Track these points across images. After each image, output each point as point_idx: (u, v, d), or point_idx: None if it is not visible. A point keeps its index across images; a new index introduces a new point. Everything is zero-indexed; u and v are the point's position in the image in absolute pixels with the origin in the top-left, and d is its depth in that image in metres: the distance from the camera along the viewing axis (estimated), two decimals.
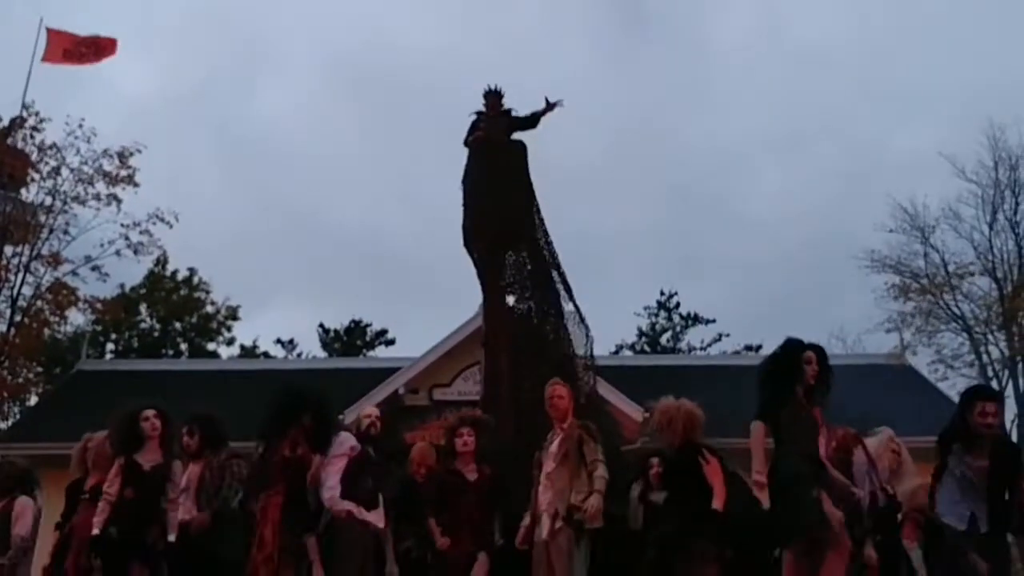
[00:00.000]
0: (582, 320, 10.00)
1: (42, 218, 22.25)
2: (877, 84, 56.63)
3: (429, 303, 49.44)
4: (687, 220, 58.46)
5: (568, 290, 10.15)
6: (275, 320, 58.29)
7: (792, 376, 6.77)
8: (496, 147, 10.54)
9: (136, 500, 7.07)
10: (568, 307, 10.06)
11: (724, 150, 57.49)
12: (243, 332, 38.17)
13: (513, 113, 10.72)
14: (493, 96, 10.78)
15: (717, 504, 6.85)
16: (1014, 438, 19.84)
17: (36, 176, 22.49)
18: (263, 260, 56.72)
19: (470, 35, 67.71)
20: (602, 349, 30.93)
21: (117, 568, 6.93)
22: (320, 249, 58.85)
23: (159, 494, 7.18)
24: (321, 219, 57.61)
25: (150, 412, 7.39)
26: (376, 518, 6.96)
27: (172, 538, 7.08)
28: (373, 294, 58.66)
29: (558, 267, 10.24)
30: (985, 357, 24.82)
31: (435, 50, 63.62)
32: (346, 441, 7.10)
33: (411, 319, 52.98)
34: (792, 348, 6.95)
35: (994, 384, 23.98)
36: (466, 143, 10.75)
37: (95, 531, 6.98)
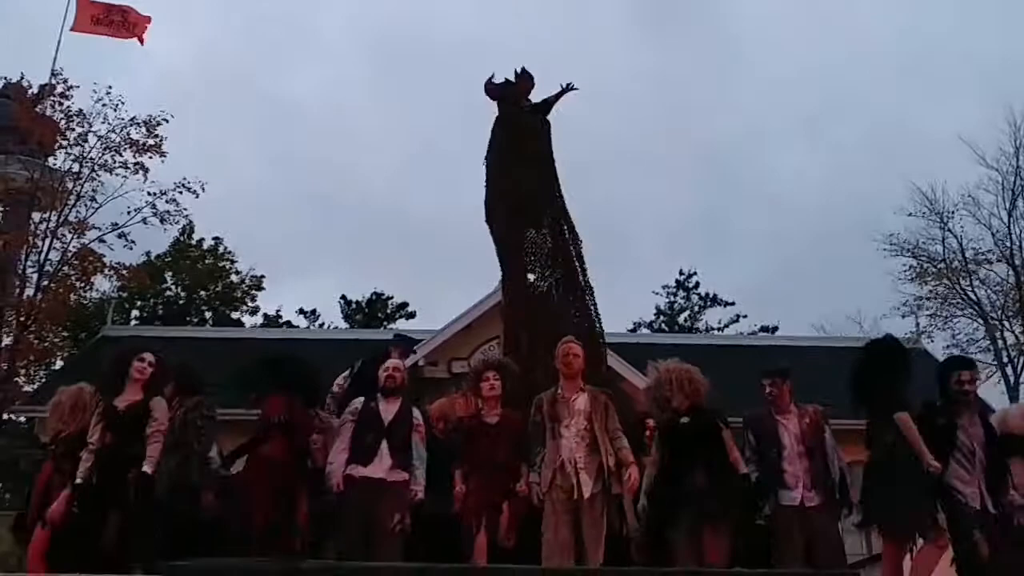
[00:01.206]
0: (592, 297, 9.98)
1: (69, 185, 22.42)
2: (907, 64, 56.40)
3: (451, 278, 49.75)
4: (711, 198, 58.52)
5: (583, 268, 10.12)
6: (300, 291, 58.69)
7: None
8: (520, 125, 10.55)
9: (115, 444, 6.89)
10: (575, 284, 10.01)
11: (751, 129, 57.51)
12: (268, 302, 38.63)
13: (530, 101, 10.71)
14: (524, 79, 10.80)
15: (743, 468, 7.02)
16: None
17: (64, 143, 22.72)
18: (291, 231, 57.15)
19: (505, 9, 67.67)
20: (620, 326, 31.43)
21: (94, 516, 6.71)
22: (346, 222, 59.28)
23: (138, 435, 6.92)
24: (348, 193, 57.99)
25: (148, 356, 7.23)
26: (375, 470, 7.04)
27: (150, 469, 6.79)
28: (396, 268, 59.07)
29: (577, 245, 10.21)
30: (1000, 343, 24.83)
31: (469, 24, 63.68)
32: (348, 406, 7.42)
33: (432, 293, 53.31)
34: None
35: (1009, 371, 24.07)
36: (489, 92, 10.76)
37: (78, 480, 6.78)
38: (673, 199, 60.78)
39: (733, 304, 40.16)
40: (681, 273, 41.47)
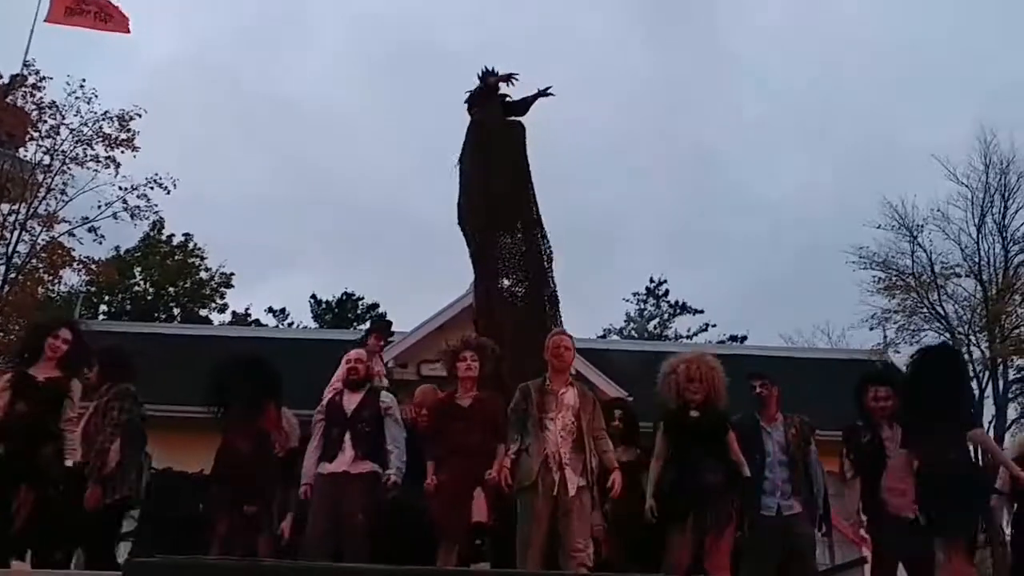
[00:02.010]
0: (556, 307, 9.99)
1: (39, 177, 22.20)
2: (898, 79, 56.86)
3: (422, 279, 49.68)
4: (687, 205, 58.83)
5: (551, 276, 10.11)
6: (271, 290, 58.44)
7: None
8: (492, 130, 10.55)
9: (29, 415, 6.50)
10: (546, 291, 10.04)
11: (738, 136, 57.87)
12: (238, 300, 38.46)
13: (507, 99, 10.76)
14: (489, 78, 10.77)
15: (747, 471, 6.89)
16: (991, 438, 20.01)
17: (35, 135, 22.50)
18: (264, 230, 57.02)
19: (500, 4, 67.70)
20: (590, 333, 31.49)
21: (6, 489, 6.39)
22: (320, 222, 59.11)
23: (55, 411, 6.60)
24: (323, 193, 57.91)
25: (65, 332, 6.87)
26: (339, 464, 7.01)
27: (70, 462, 6.57)
28: (367, 269, 59.00)
29: (548, 252, 10.20)
30: (967, 357, 24.92)
31: (462, 20, 63.59)
32: (318, 411, 7.44)
33: (403, 295, 53.21)
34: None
35: (974, 385, 24.23)
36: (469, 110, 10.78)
37: None
38: (652, 205, 60.98)
39: (702, 312, 40.45)
40: (651, 280, 41.70)
